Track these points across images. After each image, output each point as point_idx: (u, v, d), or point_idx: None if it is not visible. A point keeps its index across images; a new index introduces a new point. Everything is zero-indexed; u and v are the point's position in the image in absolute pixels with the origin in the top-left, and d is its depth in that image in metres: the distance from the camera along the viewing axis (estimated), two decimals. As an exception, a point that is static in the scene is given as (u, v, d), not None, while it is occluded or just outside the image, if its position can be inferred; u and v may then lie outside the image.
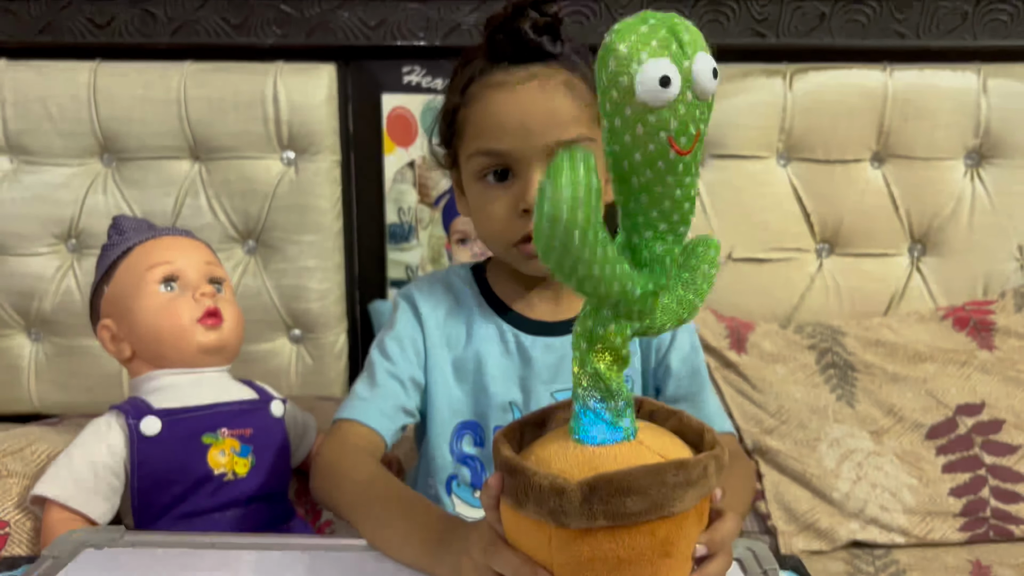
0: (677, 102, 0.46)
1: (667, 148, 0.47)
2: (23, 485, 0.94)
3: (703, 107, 0.47)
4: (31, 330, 1.49)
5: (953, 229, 1.45)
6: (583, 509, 0.50)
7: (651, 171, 0.48)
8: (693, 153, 0.48)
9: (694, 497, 0.52)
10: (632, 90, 0.45)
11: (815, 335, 1.39)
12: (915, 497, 1.20)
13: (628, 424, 0.55)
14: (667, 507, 0.51)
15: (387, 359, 0.91)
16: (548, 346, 0.91)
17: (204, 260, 0.99)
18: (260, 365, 1.48)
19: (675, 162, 0.48)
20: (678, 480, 0.51)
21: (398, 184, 1.51)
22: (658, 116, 0.46)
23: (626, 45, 0.46)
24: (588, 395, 0.55)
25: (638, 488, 0.50)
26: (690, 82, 0.46)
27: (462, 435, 0.93)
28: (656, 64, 0.45)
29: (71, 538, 0.76)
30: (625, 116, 0.47)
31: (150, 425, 0.89)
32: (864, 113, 1.42)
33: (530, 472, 0.53)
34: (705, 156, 1.45)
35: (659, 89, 0.45)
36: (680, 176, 0.48)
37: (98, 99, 1.40)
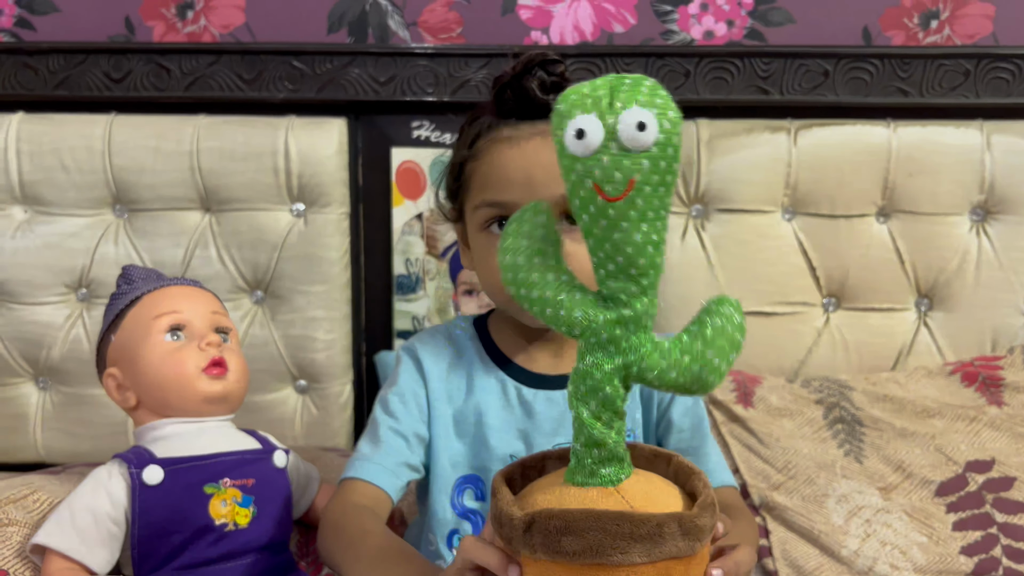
0: (600, 153, 0.50)
1: (594, 195, 0.51)
2: (24, 533, 0.93)
3: (636, 157, 0.50)
4: (39, 379, 1.50)
5: (960, 284, 1.45)
6: (525, 539, 0.53)
7: (586, 216, 0.53)
8: (627, 200, 0.51)
9: (643, 554, 0.52)
10: (563, 143, 0.51)
11: (822, 390, 1.38)
12: (925, 555, 1.18)
13: (609, 472, 0.57)
14: (604, 555, 0.52)
15: (390, 415, 0.91)
16: (549, 399, 0.91)
17: (211, 310, 1.00)
18: (265, 415, 1.48)
19: (604, 207, 0.51)
20: (620, 530, 0.52)
21: (406, 236, 1.52)
22: (583, 165, 0.51)
23: (565, 104, 0.52)
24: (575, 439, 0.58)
25: (574, 529, 0.52)
26: (614, 134, 0.50)
27: (463, 489, 0.92)
28: (577, 120, 0.51)
29: (69, 588, 0.75)
30: (564, 166, 0.52)
31: (152, 474, 0.89)
32: (869, 168, 1.43)
33: (498, 496, 0.56)
34: (710, 210, 1.46)
35: (577, 142, 0.50)
36: (614, 221, 0.52)
37: (112, 150, 1.43)
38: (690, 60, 1.44)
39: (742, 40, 1.51)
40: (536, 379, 0.92)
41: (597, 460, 0.56)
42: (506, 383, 0.92)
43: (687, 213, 1.47)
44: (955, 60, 1.43)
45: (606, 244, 0.53)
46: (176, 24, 1.52)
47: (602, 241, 0.53)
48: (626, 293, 0.54)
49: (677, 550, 0.53)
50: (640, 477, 0.59)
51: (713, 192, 1.45)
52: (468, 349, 0.95)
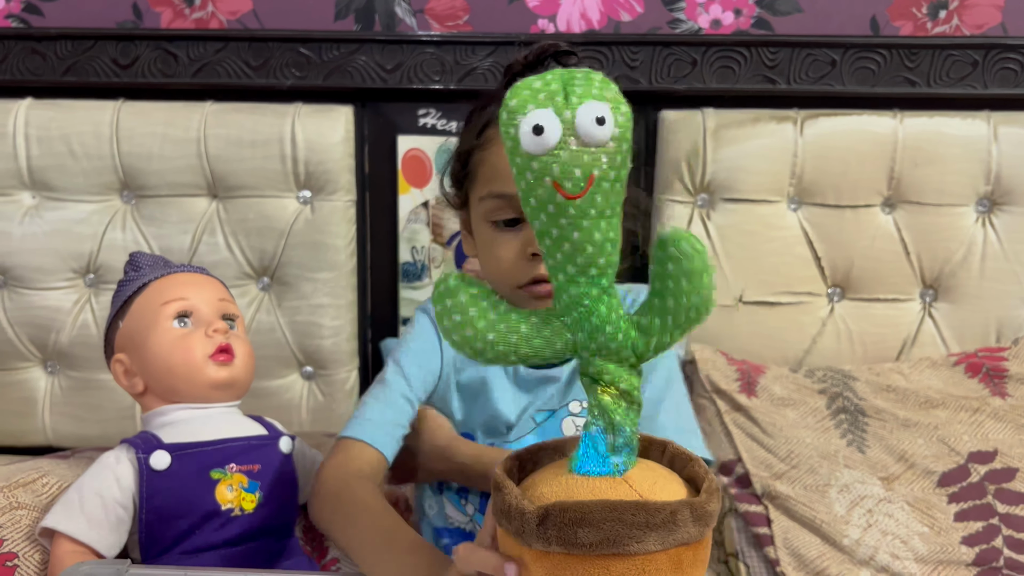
0: (557, 149, 0.49)
1: (553, 193, 0.50)
2: (32, 517, 0.95)
3: (595, 153, 0.49)
4: (47, 363, 1.51)
5: (965, 275, 1.45)
6: (539, 532, 0.53)
7: (544, 215, 0.51)
8: (587, 197, 0.50)
9: (658, 542, 0.52)
10: (517, 140, 0.49)
11: (826, 379, 1.39)
12: (927, 545, 1.18)
13: (620, 461, 0.56)
14: (621, 545, 0.52)
15: (404, 379, 0.92)
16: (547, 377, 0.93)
17: (218, 297, 1.00)
18: (272, 401, 1.49)
19: (564, 205, 0.50)
20: (636, 520, 0.52)
21: (412, 224, 1.53)
22: (540, 162, 0.49)
23: (516, 100, 0.50)
24: (592, 425, 0.56)
25: (590, 521, 0.51)
26: (572, 130, 0.48)
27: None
28: (533, 115, 0.49)
29: (77, 571, 0.76)
30: (518, 164, 0.51)
31: (160, 459, 0.90)
32: (875, 159, 1.43)
33: (505, 490, 0.55)
34: (716, 200, 1.46)
35: (534, 138, 0.49)
36: (573, 219, 0.50)
37: (120, 137, 1.43)
38: (697, 49, 1.44)
39: (749, 29, 1.51)
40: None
41: (611, 447, 0.56)
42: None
43: (692, 203, 1.47)
44: (963, 51, 1.43)
45: (565, 244, 0.51)
46: (183, 10, 1.53)
47: (560, 241, 0.52)
48: (589, 298, 0.53)
49: (688, 536, 0.54)
50: (643, 466, 0.59)
51: (718, 182, 1.45)
52: None
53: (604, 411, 0.56)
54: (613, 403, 0.55)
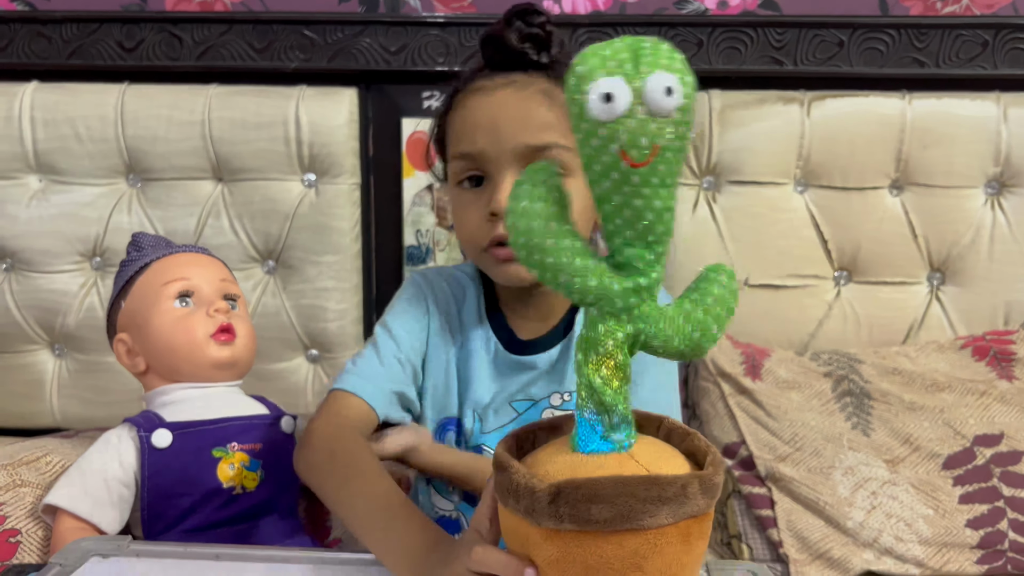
0: (626, 117, 0.49)
1: (618, 160, 0.50)
2: (36, 495, 0.95)
3: (662, 123, 0.49)
4: (55, 346, 1.52)
5: (973, 258, 1.44)
6: (551, 510, 0.52)
7: (608, 182, 0.51)
8: (651, 166, 0.50)
9: (670, 515, 0.52)
10: (584, 106, 0.49)
11: (831, 363, 1.38)
12: (931, 528, 1.18)
13: (622, 437, 0.56)
14: (635, 520, 0.51)
15: (394, 340, 0.91)
16: (521, 364, 0.93)
17: (219, 277, 1.01)
18: (277, 383, 1.50)
19: (628, 173, 0.50)
20: (649, 495, 0.51)
21: (416, 207, 1.52)
22: (607, 129, 0.49)
23: (585, 66, 0.50)
24: (584, 406, 0.56)
25: (604, 497, 0.51)
26: (641, 99, 0.48)
27: (447, 430, 0.95)
28: (603, 82, 0.48)
29: (79, 547, 0.77)
30: (583, 130, 0.50)
31: (161, 438, 0.90)
32: (882, 141, 1.42)
33: (512, 470, 0.55)
34: (722, 182, 1.45)
35: (604, 105, 0.48)
36: (636, 187, 0.51)
37: (125, 120, 1.44)
38: (703, 30, 1.43)
39: (756, 10, 1.49)
40: (517, 344, 0.93)
41: (608, 426, 0.56)
42: (490, 340, 0.93)
43: (698, 185, 1.46)
44: (973, 30, 1.41)
45: (625, 211, 0.52)
46: (188, -7, 1.52)
47: (621, 208, 0.52)
48: (642, 261, 0.53)
49: (697, 508, 0.54)
50: (645, 441, 0.59)
51: (725, 164, 1.44)
52: (469, 296, 0.96)
53: (593, 392, 0.55)
54: (603, 384, 0.55)
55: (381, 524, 0.73)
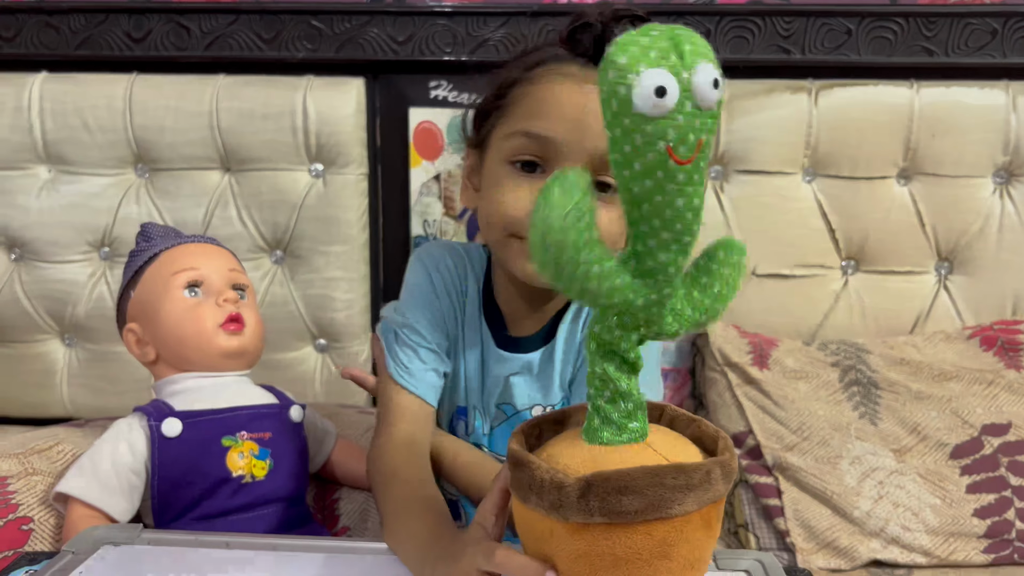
0: (675, 112, 0.46)
1: (666, 158, 0.47)
2: (47, 483, 0.96)
3: (705, 117, 0.47)
4: (65, 336, 1.53)
5: (981, 247, 1.43)
6: (580, 504, 0.52)
7: (650, 180, 0.48)
8: (695, 163, 0.47)
9: (695, 502, 0.53)
10: (629, 100, 0.46)
11: (839, 352, 1.38)
12: (938, 517, 1.18)
13: (637, 426, 0.56)
14: (664, 509, 0.52)
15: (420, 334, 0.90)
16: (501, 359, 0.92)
17: (228, 267, 1.01)
18: (286, 373, 1.51)
19: (674, 171, 0.47)
20: (677, 483, 0.52)
21: (424, 197, 1.53)
22: (655, 126, 0.46)
23: (626, 56, 0.46)
24: (598, 396, 0.56)
25: (635, 488, 0.51)
26: (689, 92, 0.45)
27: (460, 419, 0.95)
28: (653, 74, 0.45)
29: (91, 535, 0.78)
30: (624, 126, 0.47)
31: (171, 427, 0.91)
32: (891, 130, 1.41)
33: (534, 466, 0.54)
34: (730, 171, 1.45)
35: (655, 99, 0.45)
36: (681, 186, 0.48)
37: (133, 110, 1.44)
38: (711, 19, 1.42)
39: (764, -2, 1.48)
40: (506, 340, 0.92)
41: (625, 414, 0.56)
42: (484, 331, 0.93)
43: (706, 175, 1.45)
44: (982, 19, 1.40)
45: (666, 211, 0.49)
46: (195, -17, 1.52)
47: (662, 208, 0.49)
48: (675, 266, 0.51)
49: (718, 493, 0.54)
50: (657, 430, 0.59)
51: (733, 153, 1.43)
52: (471, 279, 0.94)
53: (608, 381, 0.55)
54: (616, 372, 0.55)
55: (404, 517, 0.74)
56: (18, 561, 0.76)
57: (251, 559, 0.76)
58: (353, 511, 1.10)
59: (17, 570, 0.74)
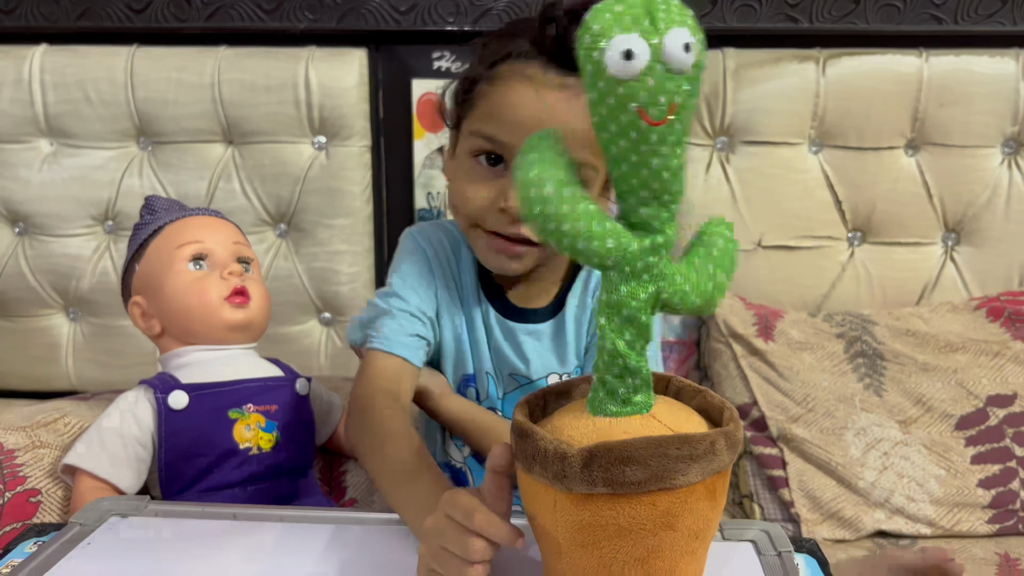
0: (645, 75, 0.48)
1: (637, 119, 0.49)
2: (54, 456, 0.97)
3: (678, 80, 0.49)
4: (69, 310, 1.53)
5: (989, 218, 1.42)
6: (584, 475, 0.52)
7: (625, 141, 0.50)
8: (668, 124, 0.49)
9: (699, 472, 0.53)
10: (602, 64, 0.48)
11: (844, 324, 1.38)
12: (943, 488, 1.18)
13: (642, 399, 0.56)
14: (668, 479, 0.52)
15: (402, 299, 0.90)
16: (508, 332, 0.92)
17: (232, 240, 1.01)
18: (291, 346, 1.51)
19: (647, 132, 0.49)
20: (681, 453, 0.52)
21: (427, 169, 1.52)
22: (627, 88, 0.48)
23: (599, 23, 0.49)
24: (607, 371, 0.56)
25: (638, 458, 0.51)
26: (659, 56, 0.48)
27: (469, 386, 0.95)
28: (622, 39, 0.48)
29: (98, 506, 0.78)
30: (599, 89, 0.49)
31: (178, 399, 0.91)
32: (898, 99, 1.40)
33: (537, 436, 0.54)
34: (736, 142, 1.44)
35: (624, 63, 0.48)
36: (654, 146, 0.50)
37: (135, 82, 1.43)
38: (717, -13, 1.41)
39: (771, -34, 1.47)
40: (511, 310, 0.92)
41: (631, 388, 0.56)
42: (484, 304, 0.93)
43: (712, 146, 1.45)
44: (992, -15, 1.39)
45: (642, 171, 0.51)
46: (195, -47, 1.51)
47: (638, 168, 0.51)
48: (658, 220, 0.53)
49: (722, 464, 0.54)
50: (662, 401, 0.59)
51: (739, 124, 1.42)
52: (464, 254, 0.94)
53: (618, 356, 0.55)
54: (628, 348, 0.55)
55: (402, 481, 0.73)
56: (26, 532, 0.76)
57: (258, 530, 0.76)
58: (360, 483, 1.10)
59: (25, 541, 0.74)
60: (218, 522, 0.77)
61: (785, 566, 0.69)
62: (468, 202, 0.84)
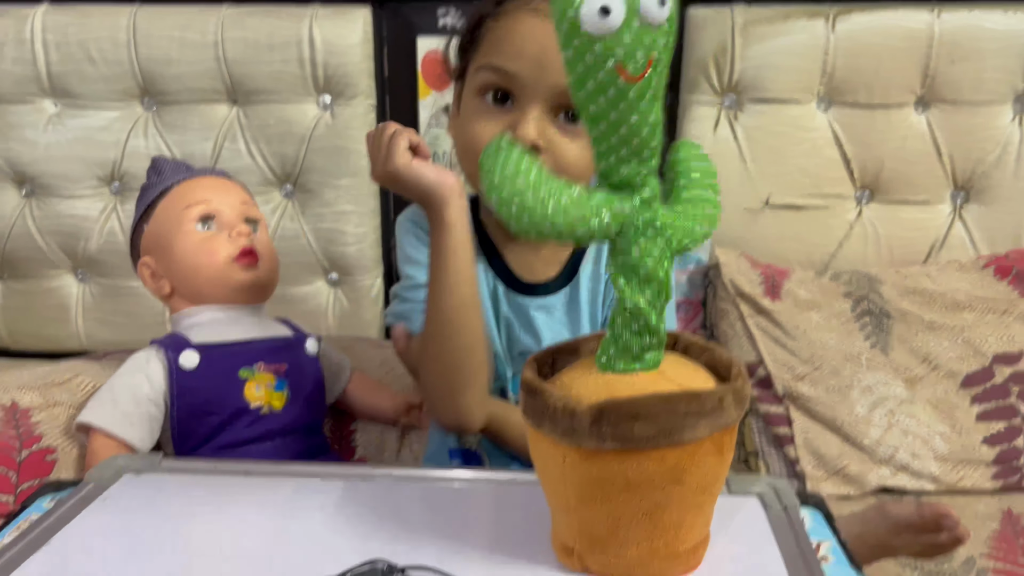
0: (622, 31, 0.48)
1: (615, 75, 0.49)
2: (69, 414, 0.98)
3: (655, 34, 0.48)
4: (78, 271, 1.54)
5: (998, 176, 1.41)
6: (593, 431, 0.52)
7: (603, 98, 0.50)
8: (646, 79, 0.49)
9: (707, 427, 0.53)
10: (578, 21, 0.48)
11: (851, 283, 1.38)
12: (947, 445, 1.19)
13: (652, 356, 0.57)
14: (676, 435, 0.52)
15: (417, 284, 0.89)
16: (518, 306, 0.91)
17: (240, 200, 1.01)
18: (299, 307, 1.51)
19: (625, 89, 0.49)
20: (689, 409, 0.52)
21: (433, 129, 1.51)
22: (603, 45, 0.48)
23: None
24: (625, 328, 0.56)
25: (647, 414, 0.52)
26: (635, 11, 0.47)
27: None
28: None
29: (113, 464, 0.79)
30: (575, 47, 0.49)
31: (189, 358, 0.91)
32: (909, 56, 1.38)
33: (547, 393, 0.55)
34: (744, 100, 1.42)
35: (600, 19, 0.47)
36: (632, 102, 0.50)
37: (138, 41, 1.42)
38: (726, -58, 1.39)
39: (782, -81, 1.44)
40: (520, 285, 0.91)
41: (644, 346, 0.56)
42: (491, 280, 0.91)
43: (719, 103, 1.43)
44: (1007, -62, 1.36)
45: (621, 128, 0.51)
46: (196, -91, 1.48)
47: (617, 125, 0.51)
48: (639, 176, 0.53)
49: (730, 419, 0.55)
50: (670, 358, 0.60)
51: (747, 81, 1.41)
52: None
53: (640, 314, 0.55)
54: (648, 306, 0.55)
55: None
56: (43, 489, 0.77)
57: (271, 486, 0.77)
58: (369, 442, 1.11)
59: (43, 497, 0.75)
60: (231, 478, 0.78)
61: (791, 520, 0.70)
62: (476, 141, 0.82)
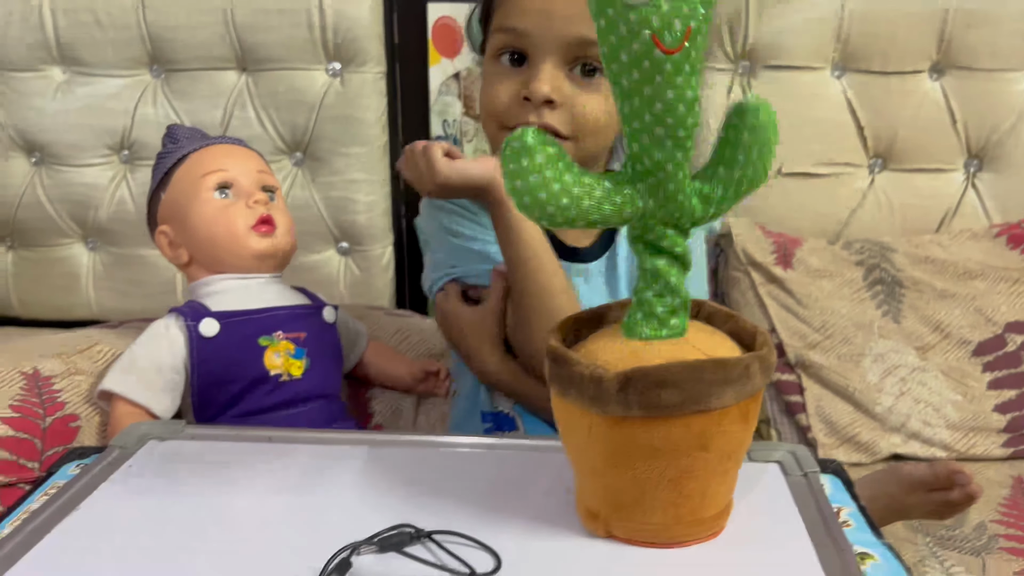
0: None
1: (651, 47, 0.47)
2: (90, 382, 0.98)
3: (693, 3, 0.46)
4: (88, 239, 1.54)
5: (1013, 144, 1.41)
6: (619, 398, 0.52)
7: (638, 71, 0.48)
8: (683, 52, 0.47)
9: (734, 395, 0.53)
10: None
11: (864, 251, 1.37)
12: (959, 413, 1.20)
13: (677, 323, 0.57)
14: (703, 402, 0.52)
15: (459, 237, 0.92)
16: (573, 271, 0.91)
17: (256, 168, 1.00)
18: (309, 275, 1.51)
19: (661, 61, 0.47)
20: (716, 377, 0.52)
21: (443, 96, 1.50)
22: (639, 14, 0.46)
23: None
24: (647, 289, 0.56)
25: (674, 382, 0.52)
26: None
27: None
28: None
29: (136, 430, 0.79)
30: (609, 16, 0.47)
31: (209, 326, 0.92)
32: (925, 21, 1.37)
33: (573, 361, 0.55)
34: (757, 67, 1.41)
35: None
36: (669, 76, 0.48)
37: (145, 4, 1.40)
38: (741, -95, 1.37)
39: None
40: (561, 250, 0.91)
41: (669, 310, 0.56)
42: None
43: (733, 70, 1.42)
44: (1026, -98, 1.34)
45: (656, 104, 0.49)
46: None
47: (652, 101, 0.49)
48: (673, 162, 0.51)
49: (755, 387, 0.55)
50: (696, 326, 0.60)
51: (761, 48, 1.40)
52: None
53: (659, 275, 0.56)
54: (667, 266, 0.55)
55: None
56: (68, 455, 0.78)
57: (292, 452, 0.78)
58: (385, 410, 1.12)
59: (68, 464, 0.76)
60: (253, 444, 0.79)
61: (812, 486, 0.70)
62: (494, 101, 0.85)
